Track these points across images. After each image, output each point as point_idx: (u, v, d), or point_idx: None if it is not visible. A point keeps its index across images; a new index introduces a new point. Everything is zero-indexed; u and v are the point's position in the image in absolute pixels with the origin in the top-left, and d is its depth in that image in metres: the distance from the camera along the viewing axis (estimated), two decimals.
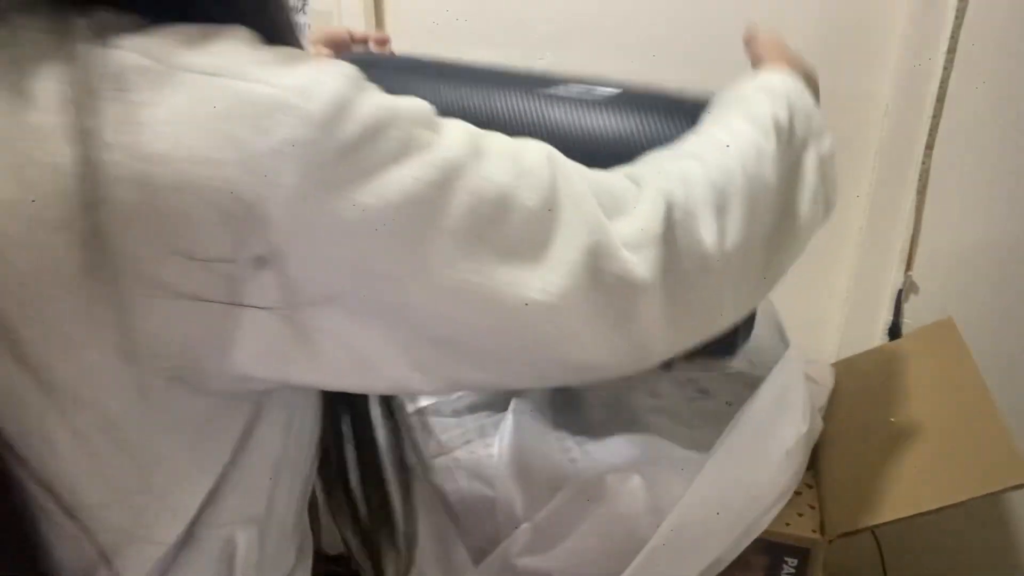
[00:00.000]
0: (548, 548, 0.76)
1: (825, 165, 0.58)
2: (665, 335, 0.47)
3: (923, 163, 1.03)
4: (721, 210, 0.49)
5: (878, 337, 1.12)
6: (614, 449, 0.85)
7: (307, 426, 0.51)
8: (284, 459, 0.49)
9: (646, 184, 0.48)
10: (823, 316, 1.14)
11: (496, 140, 0.43)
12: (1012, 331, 1.06)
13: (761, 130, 0.54)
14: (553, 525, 0.77)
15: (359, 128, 0.36)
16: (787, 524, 0.78)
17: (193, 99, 0.34)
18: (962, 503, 0.70)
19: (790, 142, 0.56)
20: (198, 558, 0.44)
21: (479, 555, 0.80)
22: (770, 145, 0.53)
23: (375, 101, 0.38)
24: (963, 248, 1.06)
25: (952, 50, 0.97)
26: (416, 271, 0.38)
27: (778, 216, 0.54)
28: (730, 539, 0.74)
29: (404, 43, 1.26)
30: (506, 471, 0.82)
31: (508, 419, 0.89)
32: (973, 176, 1.02)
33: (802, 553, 0.79)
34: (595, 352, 0.44)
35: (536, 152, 0.44)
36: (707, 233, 0.48)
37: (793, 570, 0.80)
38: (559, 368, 0.45)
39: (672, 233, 0.46)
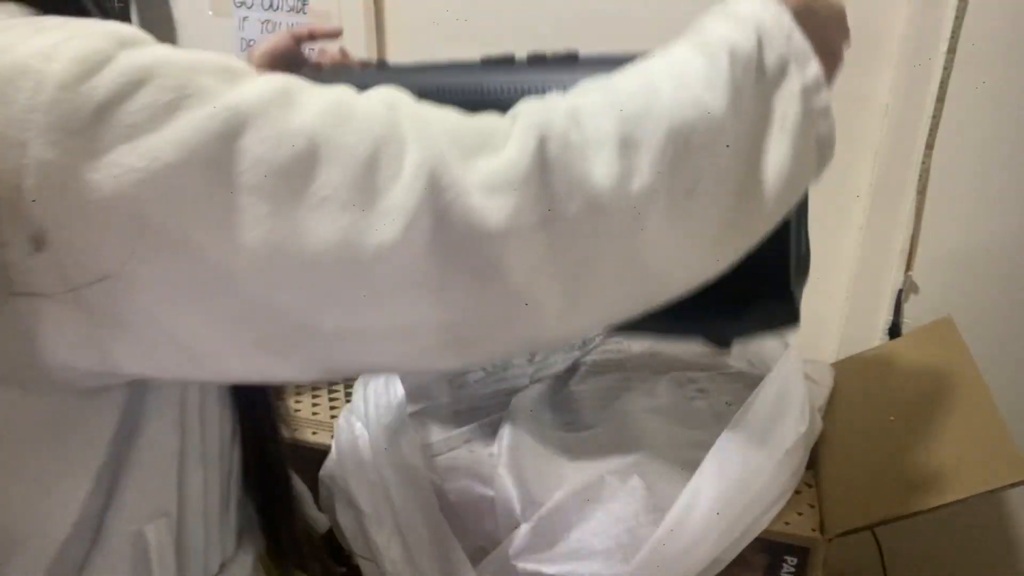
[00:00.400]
0: (547, 548, 0.76)
1: (812, 98, 0.48)
2: (560, 294, 0.40)
3: (923, 163, 1.03)
4: (627, 144, 0.41)
5: (878, 337, 1.12)
6: (613, 449, 0.85)
7: (211, 417, 0.51)
8: (187, 452, 0.49)
9: (520, 119, 0.41)
10: (823, 316, 1.14)
11: (320, 90, 0.39)
12: (1012, 331, 1.06)
13: (707, 55, 0.45)
14: (552, 525, 0.77)
15: (113, 84, 0.33)
16: (787, 523, 0.78)
17: None
18: (961, 501, 0.70)
19: (758, 70, 0.46)
20: (109, 556, 0.44)
21: (478, 555, 0.80)
22: (719, 71, 0.44)
23: (140, 55, 0.35)
24: (963, 248, 1.06)
25: (952, 50, 0.97)
26: (215, 238, 0.34)
27: (737, 156, 0.45)
28: (730, 539, 0.74)
29: (404, 43, 1.26)
30: (505, 471, 0.82)
31: (508, 419, 0.90)
32: (973, 176, 1.02)
33: (802, 552, 0.79)
34: (462, 312, 0.39)
35: (376, 98, 0.40)
36: (601, 170, 0.40)
37: (793, 569, 0.80)
38: (433, 337, 0.39)
39: (547, 171, 0.39)
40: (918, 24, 0.98)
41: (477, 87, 0.64)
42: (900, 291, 1.09)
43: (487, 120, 0.41)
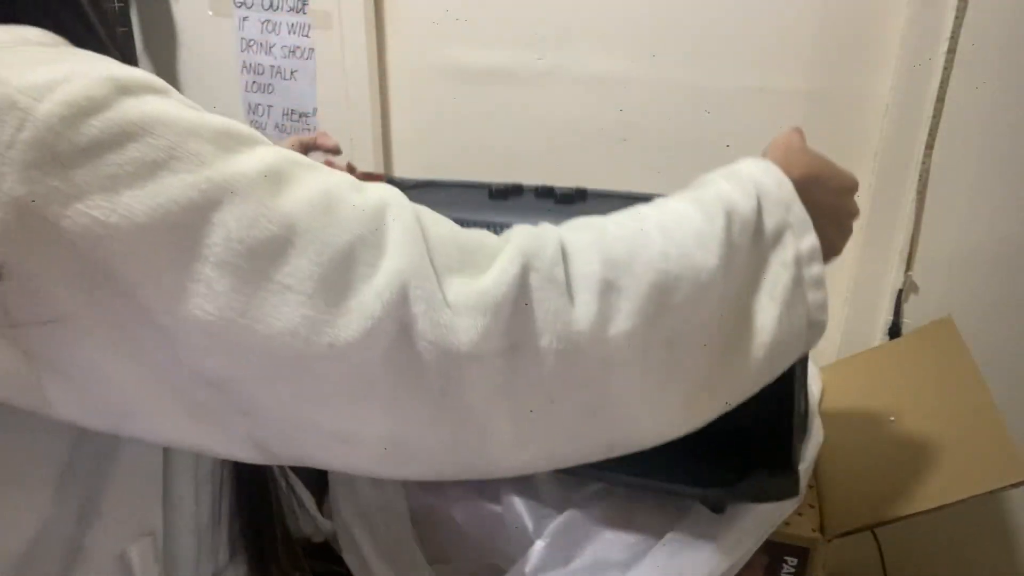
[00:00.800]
0: (564, 565, 0.76)
1: (805, 268, 0.48)
2: (512, 425, 0.39)
3: (923, 163, 1.03)
4: (609, 287, 0.40)
5: (878, 337, 1.12)
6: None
7: None
8: (176, 470, 0.49)
9: (510, 243, 0.41)
10: None
11: (317, 176, 0.38)
12: (1012, 331, 1.06)
13: (704, 211, 0.45)
14: (567, 541, 0.76)
15: (100, 133, 0.33)
16: (787, 523, 0.78)
17: None
18: (962, 501, 0.70)
19: (755, 233, 0.46)
20: None
21: (491, 572, 0.79)
22: (714, 229, 0.44)
23: (138, 106, 0.34)
24: (963, 248, 1.06)
25: (952, 50, 0.97)
26: (170, 302, 0.34)
27: (723, 317, 0.44)
28: (734, 541, 0.74)
29: (404, 43, 1.26)
30: (510, 486, 0.81)
31: None
32: (973, 176, 1.02)
33: (802, 552, 0.79)
34: (409, 427, 0.38)
35: (372, 196, 0.39)
36: (580, 310, 0.39)
37: (793, 569, 0.80)
38: (374, 446, 0.38)
39: (524, 301, 0.38)
40: (918, 24, 0.98)
41: (483, 225, 0.65)
42: (900, 291, 1.09)
43: (477, 237, 0.41)
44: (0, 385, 0.35)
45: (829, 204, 0.53)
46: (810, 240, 0.48)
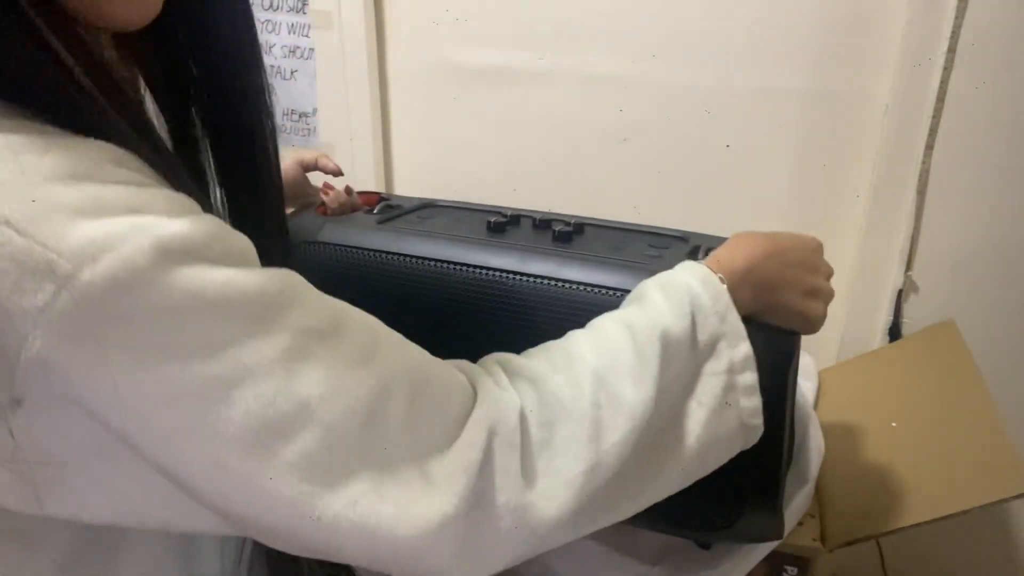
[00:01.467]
0: None
1: (737, 376, 0.51)
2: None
3: (923, 163, 1.03)
4: (544, 445, 0.45)
5: (878, 337, 1.12)
6: None
7: None
8: (193, 536, 0.50)
9: (476, 411, 0.44)
10: None
11: (330, 353, 0.39)
12: (1012, 331, 1.06)
13: (637, 347, 0.48)
14: (582, 569, 0.76)
15: (136, 309, 0.33)
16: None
17: None
18: (964, 512, 0.70)
19: (689, 348, 0.50)
20: None
21: None
22: (647, 365, 0.48)
23: (179, 282, 0.34)
24: (963, 248, 1.06)
25: (952, 50, 0.97)
26: (179, 464, 0.37)
27: (651, 427, 0.48)
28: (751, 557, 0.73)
29: (404, 43, 1.26)
30: None
31: None
32: (973, 176, 1.02)
33: (802, 562, 0.79)
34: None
35: (378, 378, 0.41)
36: (528, 473, 0.44)
37: None
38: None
39: (488, 465, 0.43)
40: (918, 24, 0.98)
41: (480, 265, 0.67)
42: (900, 291, 1.09)
43: (448, 399, 0.44)
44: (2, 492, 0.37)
45: (789, 278, 0.56)
46: (743, 349, 0.51)
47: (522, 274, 0.65)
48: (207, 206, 0.40)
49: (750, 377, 0.51)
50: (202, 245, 0.36)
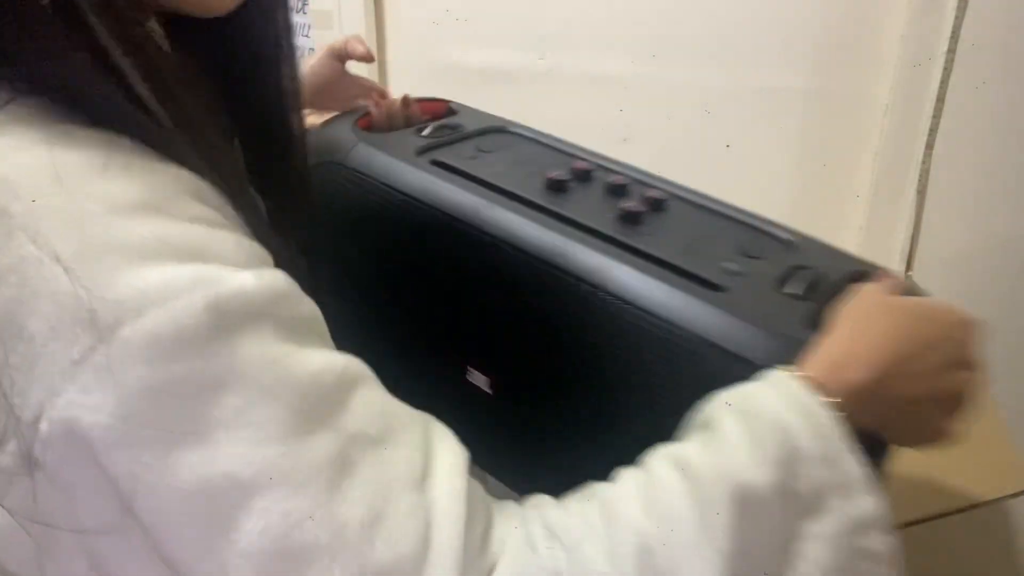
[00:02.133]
0: None
1: (858, 540, 0.37)
2: None
3: (923, 163, 1.03)
4: None
5: None
6: None
7: None
8: None
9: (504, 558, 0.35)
10: None
11: (381, 470, 0.34)
12: (1012, 331, 1.06)
13: (701, 507, 0.35)
14: None
15: (175, 378, 0.29)
16: None
17: (27, 279, 0.29)
18: (963, 511, 0.70)
19: (783, 507, 0.36)
20: None
21: None
22: (713, 535, 0.34)
23: (227, 353, 0.30)
24: (963, 248, 1.06)
25: (952, 50, 0.97)
26: (189, 561, 0.32)
27: None
28: None
29: (404, 43, 1.26)
30: None
31: None
32: (973, 176, 1.02)
33: None
34: None
35: (415, 516, 0.34)
36: None
37: None
38: None
39: None
40: (918, 24, 0.98)
41: (511, 241, 0.52)
42: None
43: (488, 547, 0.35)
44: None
45: (929, 391, 0.40)
46: (866, 504, 0.37)
47: (556, 267, 0.49)
48: (275, 248, 0.36)
49: (877, 541, 0.38)
50: (264, 305, 0.32)
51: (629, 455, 0.40)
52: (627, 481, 0.38)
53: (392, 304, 0.61)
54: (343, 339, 0.38)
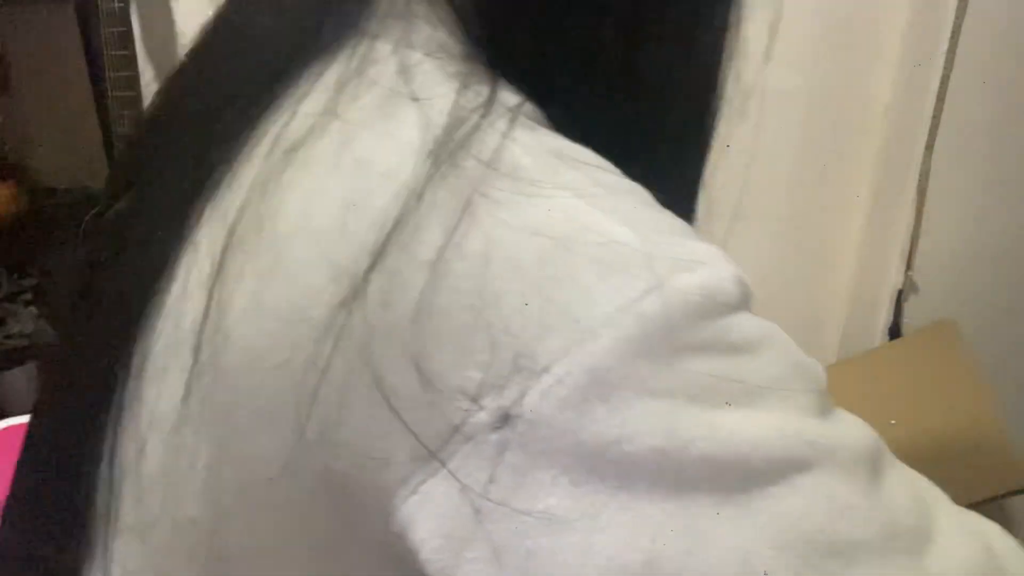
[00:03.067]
0: None
1: None
2: None
3: (923, 163, 1.03)
4: None
5: (878, 337, 1.12)
6: None
7: None
8: None
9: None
10: (823, 316, 1.14)
11: (904, 475, 0.31)
12: (1012, 331, 1.06)
13: None
14: None
15: (717, 335, 0.27)
16: None
17: (564, 222, 0.26)
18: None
19: None
20: None
21: None
22: None
23: (759, 321, 0.28)
24: (963, 248, 1.06)
25: (952, 50, 0.97)
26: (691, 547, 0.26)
27: None
28: None
29: None
30: None
31: None
32: (973, 176, 1.02)
33: None
34: None
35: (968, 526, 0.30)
36: None
37: None
38: None
39: None
40: (918, 24, 0.98)
41: None
42: (900, 291, 1.09)
43: None
44: (430, 541, 0.26)
45: None
46: None
47: None
48: None
49: None
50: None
51: None
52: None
53: None
54: None
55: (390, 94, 0.29)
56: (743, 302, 0.28)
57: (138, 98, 1.30)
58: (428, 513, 0.26)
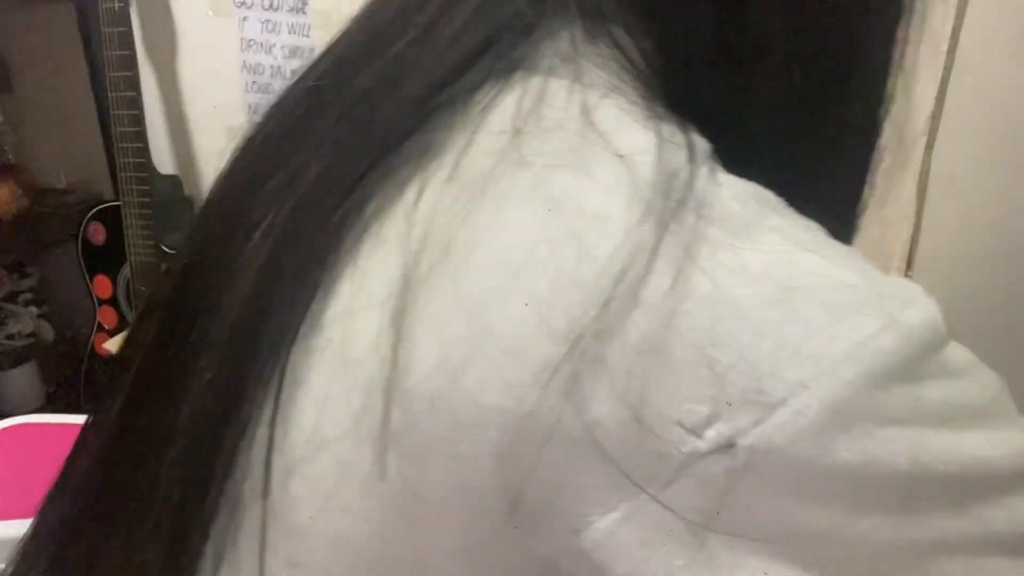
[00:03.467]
0: None
1: None
2: None
3: (923, 163, 1.03)
4: None
5: None
6: None
7: None
8: None
9: None
10: None
11: None
12: (1012, 331, 1.06)
13: None
14: None
15: (941, 364, 0.29)
16: None
17: (778, 265, 0.27)
18: None
19: None
20: None
21: None
22: None
23: (963, 350, 0.30)
24: (963, 248, 1.06)
25: (952, 50, 0.97)
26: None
27: None
28: None
29: None
30: None
31: None
32: (973, 176, 1.02)
33: None
34: None
35: None
36: None
37: None
38: None
39: None
40: (918, 24, 0.98)
41: None
42: None
43: None
44: (628, 555, 0.27)
45: None
46: None
47: None
48: None
49: None
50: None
51: None
52: None
53: None
54: None
55: (579, 135, 0.30)
56: (948, 332, 0.30)
57: (138, 98, 1.30)
58: (628, 537, 0.26)
